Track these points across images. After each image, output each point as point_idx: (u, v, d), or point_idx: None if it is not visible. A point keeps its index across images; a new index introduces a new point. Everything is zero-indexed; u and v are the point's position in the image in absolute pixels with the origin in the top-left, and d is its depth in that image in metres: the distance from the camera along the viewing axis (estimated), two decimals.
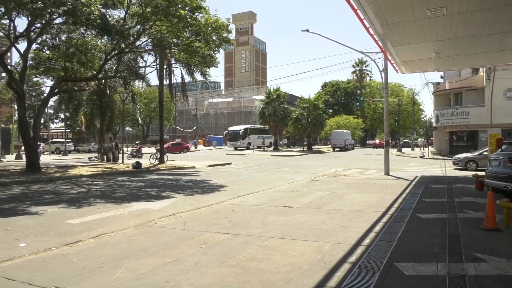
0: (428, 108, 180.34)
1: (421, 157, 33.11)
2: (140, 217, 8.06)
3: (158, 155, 24.81)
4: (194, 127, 70.93)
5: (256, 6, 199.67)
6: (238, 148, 49.37)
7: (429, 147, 42.81)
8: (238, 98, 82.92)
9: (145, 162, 23.25)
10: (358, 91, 76.07)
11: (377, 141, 63.63)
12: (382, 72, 18.32)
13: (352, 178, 16.22)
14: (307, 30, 18.19)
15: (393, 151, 42.93)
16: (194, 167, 22.13)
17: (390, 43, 13.49)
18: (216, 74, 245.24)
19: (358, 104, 69.51)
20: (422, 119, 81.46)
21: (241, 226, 7.01)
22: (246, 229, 6.72)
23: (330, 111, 74.09)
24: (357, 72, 74.97)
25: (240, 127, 53.11)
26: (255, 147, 49.02)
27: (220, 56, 22.72)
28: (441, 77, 38.40)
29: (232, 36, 20.19)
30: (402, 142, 60.52)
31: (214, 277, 4.35)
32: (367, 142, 71.03)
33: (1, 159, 27.07)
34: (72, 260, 5.06)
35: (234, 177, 17.11)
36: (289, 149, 53.38)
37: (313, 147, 50.42)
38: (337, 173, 18.41)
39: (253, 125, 55.47)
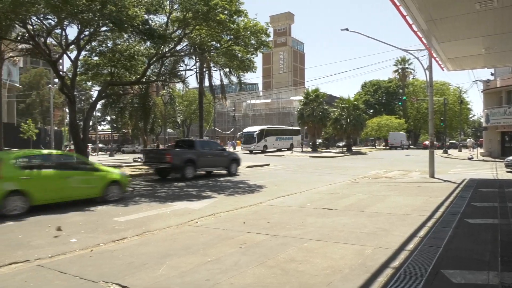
0: (476, 107, 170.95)
1: (469, 158, 31.34)
2: (181, 216, 8.29)
3: None
4: (233, 129, 71.80)
5: (294, 7, 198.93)
6: (254, 152, 43.52)
7: (478, 148, 40.43)
8: (276, 99, 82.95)
9: None
10: (400, 90, 73.46)
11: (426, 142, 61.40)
12: (427, 70, 17.57)
13: (394, 180, 15.69)
14: (347, 29, 17.85)
15: (438, 152, 41.04)
16: None
17: (435, 40, 12.92)
18: (254, 75, 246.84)
19: (400, 103, 67.01)
20: (470, 119, 77.15)
21: (280, 227, 7.01)
22: (285, 231, 6.70)
23: (371, 111, 72.10)
24: (399, 71, 72.47)
25: (255, 128, 47.19)
26: (275, 149, 45.76)
27: (258, 58, 22.81)
28: (492, 74, 36.19)
29: (270, 38, 20.23)
30: (448, 143, 57.68)
31: (254, 277, 4.38)
32: (417, 143, 68.92)
33: None
34: (118, 256, 5.30)
35: (273, 178, 17.13)
36: (328, 150, 52.55)
37: (352, 148, 49.34)
38: (378, 175, 17.89)
39: (270, 126, 50.96)
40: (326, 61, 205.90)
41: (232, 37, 18.31)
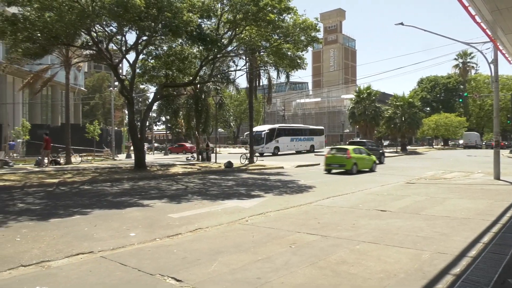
0: None
1: None
2: (232, 215, 8.45)
3: (248, 155, 25.69)
4: None
5: (345, 2, 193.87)
6: (264, 154, 37.67)
7: None
8: (326, 98, 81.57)
9: (236, 162, 24.24)
10: (461, 86, 68.89)
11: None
12: (491, 64, 16.29)
13: (454, 182, 14.75)
14: (402, 23, 17.08)
15: (504, 152, 37.87)
16: (282, 167, 22.39)
17: (501, 31, 11.92)
18: (304, 74, 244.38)
19: (461, 100, 62.82)
20: None
21: (331, 228, 6.89)
22: (336, 232, 6.58)
23: (428, 109, 68.43)
24: (460, 65, 68.05)
25: (264, 128, 41.18)
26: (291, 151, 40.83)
27: (307, 56, 22.58)
28: None
29: (320, 35, 19.96)
30: None
31: (304, 277, 4.35)
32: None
33: (115, 158, 30.81)
34: (173, 251, 5.53)
35: (323, 178, 16.87)
36: None
37: (407, 147, 47.12)
38: (436, 176, 16.93)
39: (283, 125, 45.54)
40: (379, 57, 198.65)
41: (281, 35, 18.33)
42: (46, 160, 20.52)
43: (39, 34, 15.32)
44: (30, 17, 14.63)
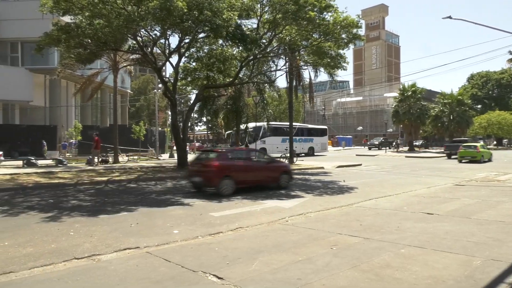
0: None
1: None
2: (272, 214, 8.46)
3: (288, 155, 25.61)
4: None
5: None
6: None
7: None
8: (368, 97, 79.32)
9: None
10: None
11: None
12: None
13: (509, 184, 13.80)
14: (449, 17, 16.22)
15: None
16: (322, 168, 22.08)
17: None
18: (345, 72, 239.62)
19: None
20: None
21: (374, 230, 6.70)
22: (379, 234, 6.39)
23: (479, 106, 64.49)
24: None
25: (250, 126, 32.84)
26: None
27: (349, 54, 22.04)
28: None
29: (362, 32, 19.45)
30: None
31: (346, 280, 4.27)
32: None
33: (158, 158, 31.92)
34: (214, 249, 5.63)
35: (365, 179, 16.44)
36: (426, 150, 48.49)
37: None
38: (488, 178, 15.92)
39: (272, 123, 36.59)
40: (425, 53, 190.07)
41: (321, 34, 18.09)
42: (96, 159, 21.67)
43: (89, 41, 16.25)
44: (81, 25, 15.56)
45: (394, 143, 47.68)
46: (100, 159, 22.27)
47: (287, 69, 25.04)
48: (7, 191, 11.90)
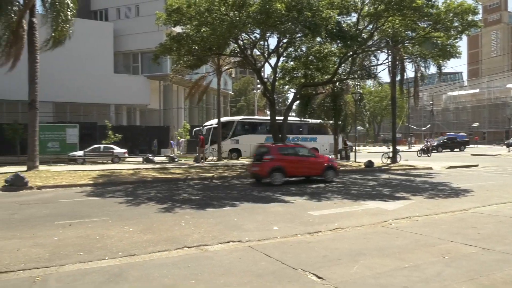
0: None
1: None
2: (373, 216, 8.09)
3: (391, 154, 24.13)
4: (429, 125, 64.87)
5: None
6: (209, 159, 24.64)
7: None
8: (487, 89, 69.90)
9: (377, 161, 23.07)
10: None
11: None
12: None
13: None
14: None
15: None
16: (430, 168, 20.26)
17: None
18: (457, 63, 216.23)
19: None
20: None
21: (495, 240, 5.91)
22: (501, 245, 5.62)
23: None
24: None
25: (214, 122, 28.37)
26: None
27: (462, 41, 19.68)
28: None
29: (478, 16, 17.23)
30: None
31: None
32: None
33: None
34: (313, 248, 5.63)
35: (482, 181, 14.59)
36: None
37: None
38: None
39: (245, 118, 31.87)
40: None
41: (430, 23, 16.61)
42: (201, 157, 23.41)
43: (196, 47, 17.64)
44: (190, 34, 17.00)
45: None
46: (204, 157, 23.92)
47: (389, 63, 23.58)
48: (131, 184, 13.65)
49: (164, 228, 6.97)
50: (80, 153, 23.97)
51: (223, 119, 27.57)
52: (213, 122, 27.18)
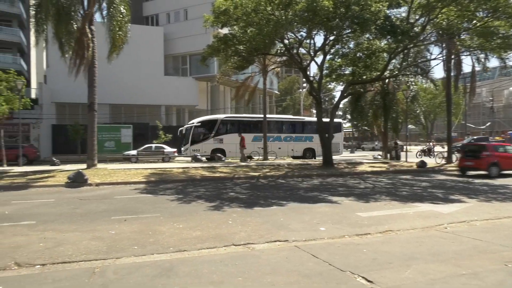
0: None
1: None
2: (426, 219, 7.71)
3: (446, 154, 22.85)
4: (489, 123, 60.39)
5: None
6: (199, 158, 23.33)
7: None
8: None
9: (430, 161, 21.97)
10: None
11: None
12: None
13: None
14: None
15: None
16: None
17: None
18: None
19: None
20: None
21: None
22: None
23: None
24: None
25: (195, 121, 26.91)
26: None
27: None
28: None
29: None
30: None
31: None
32: None
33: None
34: (362, 250, 5.48)
35: None
36: None
37: None
38: None
39: (229, 116, 29.04)
40: None
41: (490, 11, 15.51)
42: (244, 156, 23.56)
43: (243, 48, 17.87)
44: (236, 34, 17.26)
45: None
46: (246, 156, 24.00)
47: (443, 57, 22.29)
48: (181, 182, 14.15)
49: (212, 225, 7.14)
50: (134, 152, 25.27)
51: (205, 117, 26.72)
52: (195, 121, 26.40)
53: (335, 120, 32.52)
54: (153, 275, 4.49)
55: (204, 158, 23.92)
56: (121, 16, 16.99)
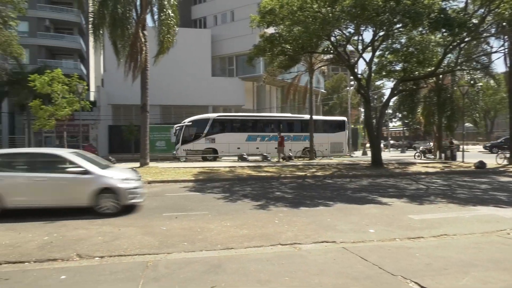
0: None
1: None
2: (486, 224, 7.21)
3: (508, 155, 21.15)
4: None
5: None
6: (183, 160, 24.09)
7: None
8: None
9: (490, 161, 20.44)
10: None
11: None
12: None
13: None
14: None
15: None
16: None
17: None
18: None
19: None
20: None
21: None
22: None
23: None
24: None
25: (186, 121, 25.76)
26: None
27: None
28: None
29: None
30: None
31: None
32: None
33: (351, 155, 31.99)
34: (415, 255, 5.24)
35: None
36: None
37: None
38: None
39: (222, 115, 27.58)
40: None
41: None
42: (282, 156, 23.34)
43: (289, 47, 17.79)
44: (282, 33, 17.22)
45: None
46: (284, 156, 23.74)
47: (505, 50, 20.65)
48: (227, 181, 14.40)
49: (259, 224, 7.19)
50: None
51: (196, 117, 26.03)
52: (186, 120, 25.62)
53: (338, 118, 31.84)
54: (202, 271, 4.62)
55: (250, 158, 24.11)
56: (170, 19, 17.64)
